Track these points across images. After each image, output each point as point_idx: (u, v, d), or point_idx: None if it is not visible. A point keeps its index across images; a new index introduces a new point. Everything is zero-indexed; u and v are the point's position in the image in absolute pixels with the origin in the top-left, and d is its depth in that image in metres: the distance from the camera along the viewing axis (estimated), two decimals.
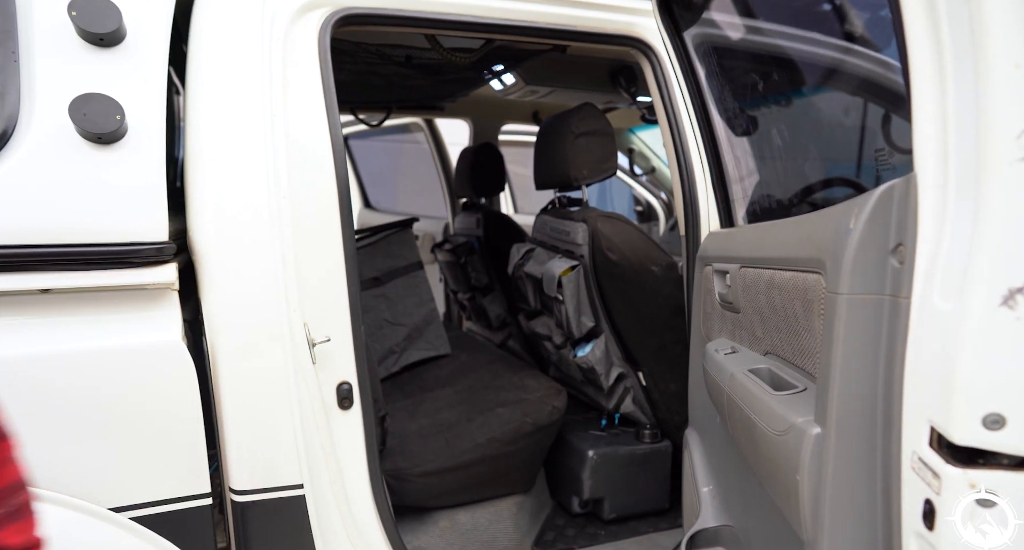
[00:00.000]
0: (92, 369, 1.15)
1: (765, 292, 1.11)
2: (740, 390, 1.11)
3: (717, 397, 1.32)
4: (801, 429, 0.84)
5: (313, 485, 1.36)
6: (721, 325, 1.46)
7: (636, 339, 2.14)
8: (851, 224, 0.75)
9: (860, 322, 0.75)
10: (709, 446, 1.60)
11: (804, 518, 0.84)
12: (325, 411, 1.44)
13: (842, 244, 0.76)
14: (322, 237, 1.43)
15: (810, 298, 0.89)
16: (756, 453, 1.04)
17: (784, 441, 0.88)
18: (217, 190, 1.29)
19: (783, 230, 1.06)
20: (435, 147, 3.75)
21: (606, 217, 2.10)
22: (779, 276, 1.03)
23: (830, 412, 0.79)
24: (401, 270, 2.51)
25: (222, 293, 1.27)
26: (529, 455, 1.97)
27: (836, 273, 0.77)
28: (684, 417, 2.18)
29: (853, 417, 0.77)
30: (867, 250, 0.74)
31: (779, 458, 0.91)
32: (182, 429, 1.21)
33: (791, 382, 1.00)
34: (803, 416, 0.86)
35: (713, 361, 1.34)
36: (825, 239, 0.82)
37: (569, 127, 2.08)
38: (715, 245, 1.57)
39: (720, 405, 1.30)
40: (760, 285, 1.13)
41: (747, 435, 1.08)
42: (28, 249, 1.12)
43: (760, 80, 1.92)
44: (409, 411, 2.10)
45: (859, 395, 0.76)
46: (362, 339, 1.50)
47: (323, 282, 1.44)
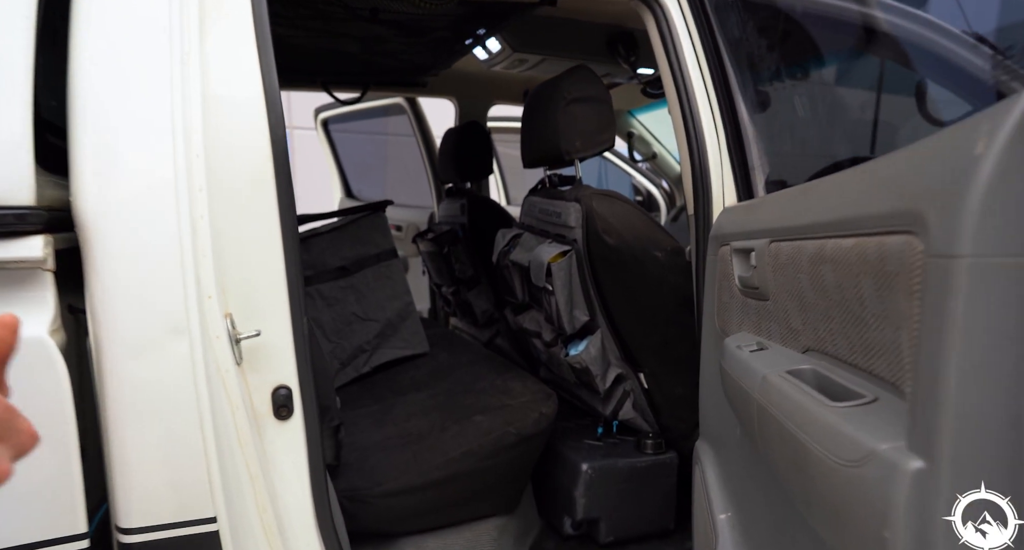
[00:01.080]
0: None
1: (809, 269, 0.83)
2: (778, 398, 0.84)
3: (741, 404, 1.04)
4: (890, 461, 0.56)
5: (232, 517, 1.08)
6: (742, 317, 1.19)
7: (637, 335, 1.86)
8: (978, 149, 0.47)
9: (995, 299, 0.48)
10: (727, 463, 1.32)
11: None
12: (255, 422, 1.17)
13: (962, 182, 0.48)
14: (252, 208, 1.15)
15: (890, 270, 0.61)
16: (806, 486, 0.76)
17: (858, 476, 0.61)
18: (105, 145, 1.01)
19: (843, 183, 0.78)
20: (418, 128, 3.48)
21: (602, 195, 1.83)
22: (833, 246, 0.75)
23: (942, 437, 0.51)
24: (372, 258, 2.23)
25: (109, 274, 0.99)
26: (512, 470, 1.69)
27: (950, 227, 0.50)
28: (692, 425, 1.91)
29: (980, 445, 0.49)
30: (1007, 188, 0.47)
31: (848, 500, 0.64)
32: (49, 451, 0.92)
33: (851, 389, 0.72)
34: (889, 441, 0.58)
35: (735, 360, 1.07)
36: (924, 181, 0.55)
37: (560, 92, 1.80)
38: (733, 220, 1.30)
39: (745, 415, 1.02)
40: (801, 261, 0.86)
41: (790, 459, 0.80)
42: None
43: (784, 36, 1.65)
44: (376, 418, 1.82)
45: (990, 413, 0.49)
46: (305, 333, 1.23)
47: (253, 263, 1.16)
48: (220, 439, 1.07)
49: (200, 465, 1.04)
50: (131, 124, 1.03)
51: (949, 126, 0.57)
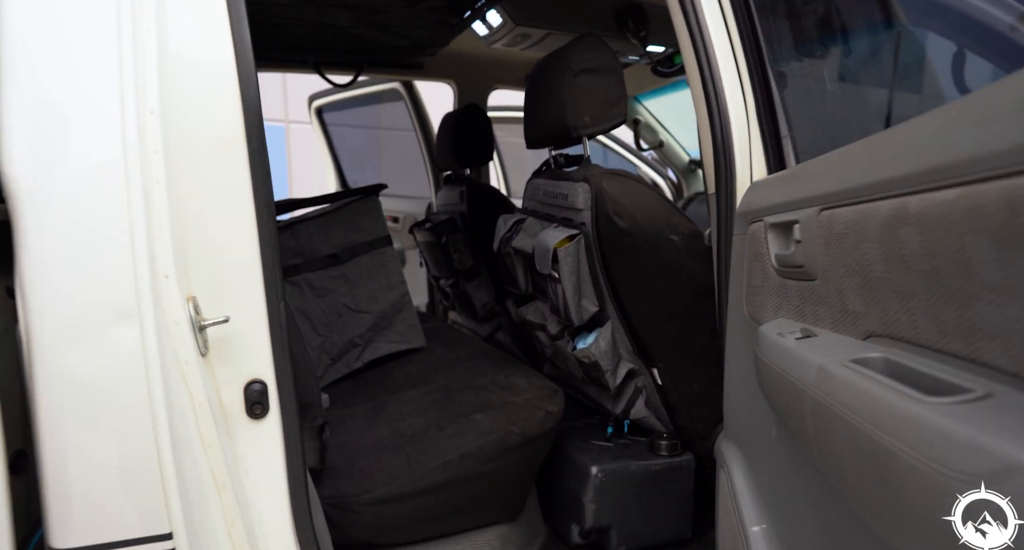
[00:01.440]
0: None
1: (880, 236, 0.68)
2: (843, 391, 0.69)
3: (786, 400, 0.90)
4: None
5: (193, 533, 0.93)
6: (779, 301, 1.04)
7: (650, 327, 1.71)
8: None
9: None
10: (760, 468, 1.17)
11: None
12: (224, 422, 1.03)
13: None
14: (219, 177, 1.01)
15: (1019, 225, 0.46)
16: (895, 507, 0.61)
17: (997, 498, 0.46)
18: (38, 101, 0.87)
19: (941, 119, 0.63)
20: (415, 115, 3.33)
21: (613, 175, 1.68)
22: (920, 203, 0.60)
23: None
24: (365, 246, 2.08)
25: (42, 248, 0.85)
26: (516, 474, 1.54)
27: None
28: (710, 424, 1.76)
29: None
30: None
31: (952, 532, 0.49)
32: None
33: (946, 380, 0.57)
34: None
35: (777, 349, 0.92)
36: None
37: (567, 63, 1.65)
38: (766, 192, 1.15)
39: (793, 413, 0.87)
40: (867, 227, 0.71)
41: (865, 469, 0.66)
42: None
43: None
44: (368, 417, 1.67)
45: None
46: (282, 321, 1.08)
47: (221, 240, 1.02)
48: (178, 442, 0.92)
49: (153, 473, 0.89)
50: (70, 77, 0.88)
51: None
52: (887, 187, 0.67)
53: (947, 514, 0.50)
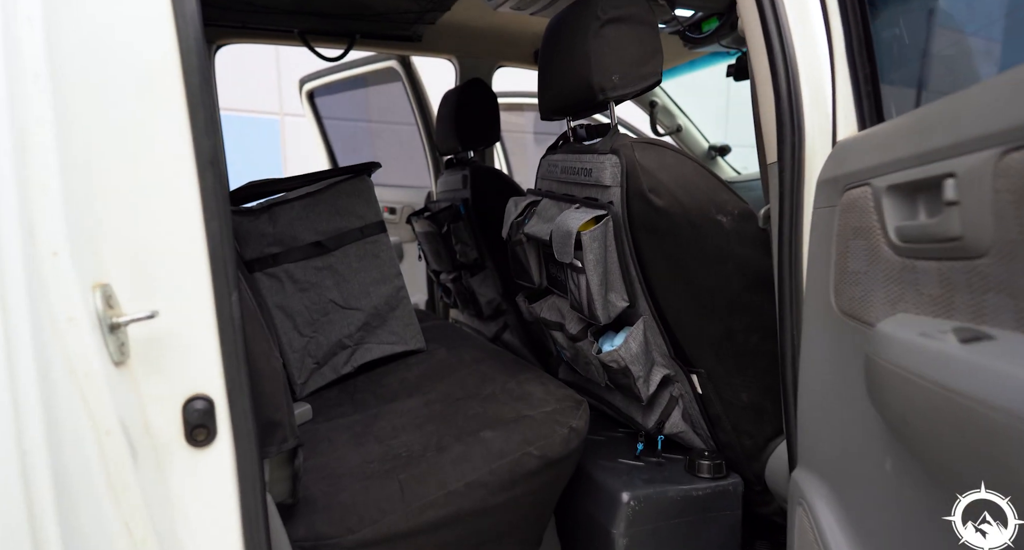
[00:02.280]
0: None
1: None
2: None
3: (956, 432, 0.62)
4: None
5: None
6: (901, 291, 0.77)
7: (690, 326, 1.44)
8: None
9: None
10: (863, 512, 0.90)
11: None
12: (151, 453, 0.76)
13: None
14: (141, 120, 0.74)
15: None
16: None
17: None
18: None
19: None
20: (414, 95, 3.06)
21: (648, 144, 1.41)
22: None
23: None
24: (355, 233, 1.81)
25: None
26: (532, 506, 1.27)
27: None
28: (760, 441, 1.49)
29: None
30: None
31: None
32: None
33: None
34: None
35: (915, 353, 0.65)
36: None
37: (592, 11, 1.39)
38: (868, 151, 0.88)
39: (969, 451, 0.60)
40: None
41: None
42: None
43: None
44: (355, 432, 1.40)
45: None
46: (235, 316, 0.82)
47: (147, 209, 0.76)
48: (70, 492, 0.65)
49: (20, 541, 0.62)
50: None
51: None
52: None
53: None
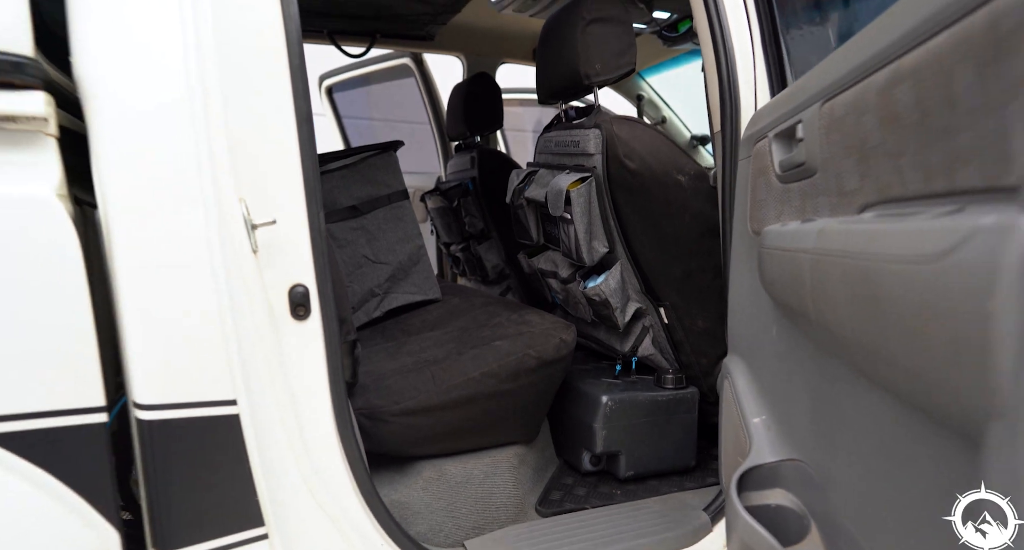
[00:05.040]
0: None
1: (877, 103, 0.78)
2: (841, 240, 0.78)
3: (789, 280, 0.99)
4: (996, 228, 0.51)
5: (252, 403, 1.02)
6: (782, 207, 1.13)
7: (657, 267, 1.81)
8: None
9: None
10: (761, 368, 1.27)
11: (999, 372, 0.51)
12: (272, 319, 1.11)
13: None
14: (262, 87, 1.09)
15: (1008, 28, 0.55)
16: (875, 317, 0.70)
17: (953, 263, 0.56)
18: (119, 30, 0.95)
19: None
20: (425, 89, 3.42)
21: (623, 119, 1.77)
22: (913, 57, 0.70)
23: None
24: (383, 199, 2.17)
25: (114, 138, 0.93)
26: (532, 396, 1.63)
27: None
28: (713, 359, 1.86)
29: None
30: None
31: (938, 297, 0.58)
32: (59, 316, 0.87)
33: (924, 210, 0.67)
34: (992, 215, 0.53)
35: (779, 236, 1.01)
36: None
37: (578, 13, 1.75)
38: (770, 112, 1.24)
39: (795, 289, 0.97)
40: (866, 101, 0.81)
41: (855, 299, 0.75)
42: None
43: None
44: (389, 352, 1.77)
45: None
46: (322, 230, 1.17)
47: (265, 146, 1.10)
48: (239, 323, 1.01)
49: (219, 346, 0.98)
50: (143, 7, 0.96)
51: None
52: (884, 57, 0.76)
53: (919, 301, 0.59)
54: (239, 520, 1.02)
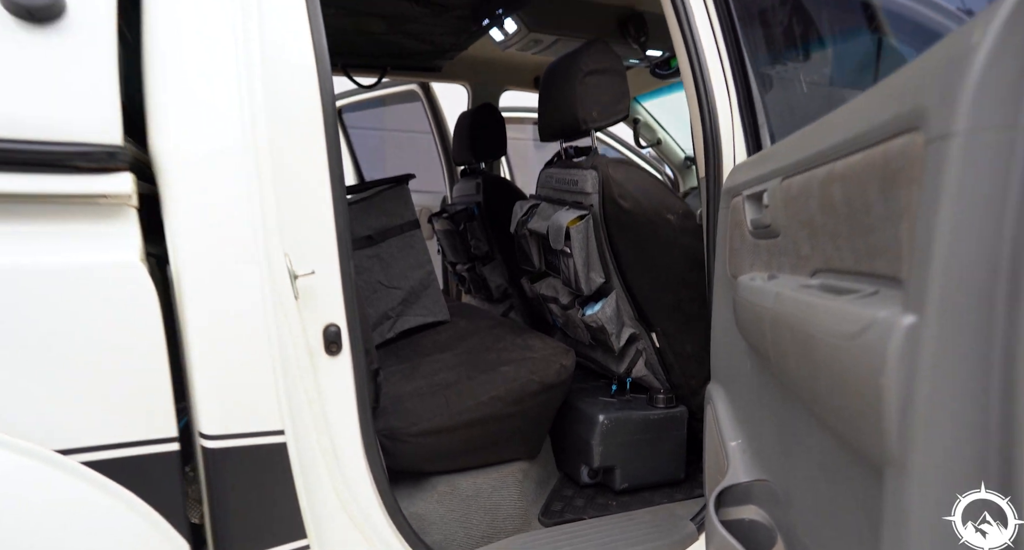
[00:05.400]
0: (32, 288, 0.98)
1: (819, 194, 0.95)
2: (791, 306, 0.95)
3: (755, 328, 1.16)
4: (887, 322, 0.68)
5: (296, 432, 1.19)
6: (753, 258, 1.30)
7: (649, 296, 1.97)
8: (975, 38, 0.59)
9: (982, 168, 0.59)
10: (737, 397, 1.43)
11: (888, 432, 0.68)
12: (310, 355, 1.28)
13: (960, 69, 0.59)
14: (304, 156, 1.26)
15: (894, 169, 0.73)
16: (814, 374, 0.87)
17: (859, 344, 0.72)
18: (180, 91, 1.12)
19: (852, 108, 0.90)
20: (432, 114, 3.59)
21: (618, 162, 1.94)
22: (842, 165, 0.87)
23: (930, 293, 0.62)
24: (396, 229, 2.34)
25: (186, 209, 1.10)
26: (535, 417, 1.80)
27: (949, 110, 0.61)
28: (700, 381, 2.02)
29: (963, 295, 0.61)
30: (999, 70, 0.57)
31: (850, 368, 0.75)
32: (142, 361, 1.04)
33: (855, 287, 0.84)
34: (887, 310, 0.69)
35: (749, 289, 1.18)
36: (929, 79, 0.66)
37: (578, 64, 1.92)
38: (744, 173, 1.41)
39: (759, 336, 1.14)
40: (812, 188, 0.97)
41: (801, 357, 0.92)
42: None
43: None
44: (404, 374, 1.93)
45: (974, 265, 0.60)
46: (351, 276, 1.34)
47: (305, 206, 1.26)
48: (286, 363, 1.18)
49: (269, 383, 1.15)
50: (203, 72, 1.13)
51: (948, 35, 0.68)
52: (823, 157, 0.94)
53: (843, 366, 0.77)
54: (286, 533, 1.19)
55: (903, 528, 0.67)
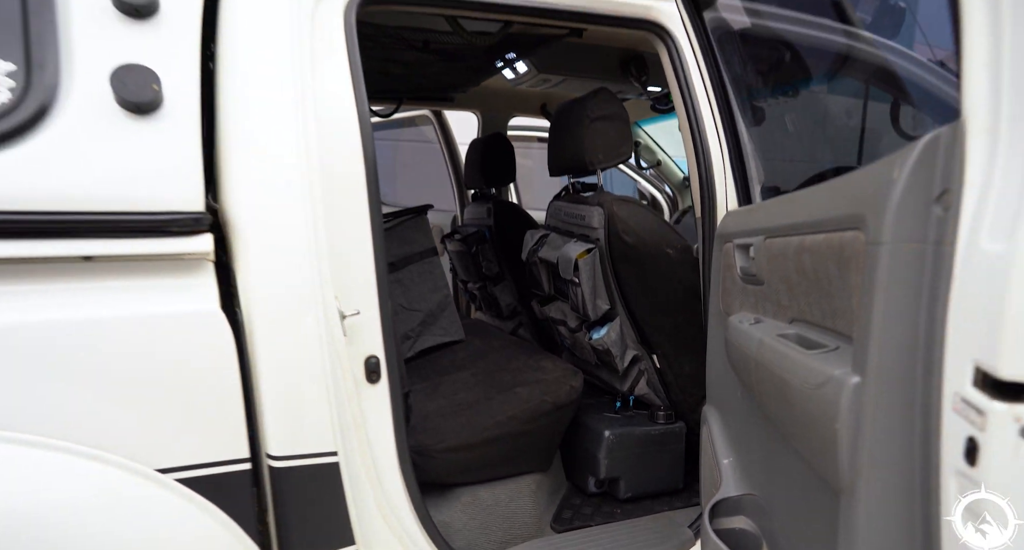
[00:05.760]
0: (134, 335, 1.17)
1: (794, 258, 1.13)
2: (770, 354, 1.14)
3: (742, 366, 1.35)
4: (839, 380, 0.87)
5: (346, 453, 1.38)
6: (743, 299, 1.49)
7: (651, 321, 2.16)
8: (894, 175, 0.78)
9: (903, 270, 0.78)
10: (729, 420, 1.62)
11: (841, 466, 0.87)
12: (355, 384, 1.46)
13: (885, 195, 0.79)
14: (350, 211, 1.44)
15: (846, 256, 0.92)
16: (787, 412, 1.06)
17: (820, 394, 0.91)
18: (251, 162, 1.31)
19: (816, 195, 1.09)
20: (443, 139, 3.77)
21: (622, 201, 2.13)
22: (811, 240, 1.06)
23: (870, 360, 0.81)
24: (416, 256, 2.53)
25: (257, 263, 1.29)
26: (547, 434, 1.99)
27: (878, 225, 0.80)
28: (697, 398, 2.22)
29: (893, 364, 0.80)
30: (911, 199, 0.77)
31: (814, 412, 0.94)
32: (222, 395, 1.23)
33: (822, 342, 1.02)
34: (840, 369, 0.88)
35: (738, 332, 1.37)
36: (866, 194, 0.85)
37: (585, 111, 2.11)
38: (735, 222, 1.60)
39: (746, 374, 1.32)
40: (788, 252, 1.16)
41: (778, 397, 1.11)
42: (71, 216, 1.14)
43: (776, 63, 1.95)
44: (427, 392, 2.12)
45: (899, 343, 0.79)
46: (389, 314, 1.52)
47: (352, 255, 1.45)
48: (337, 392, 1.37)
49: (325, 411, 1.34)
50: (269, 146, 1.32)
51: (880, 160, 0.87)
52: (796, 229, 1.13)
53: (806, 409, 0.95)
54: (339, 539, 1.37)
55: (853, 542, 0.86)
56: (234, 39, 1.33)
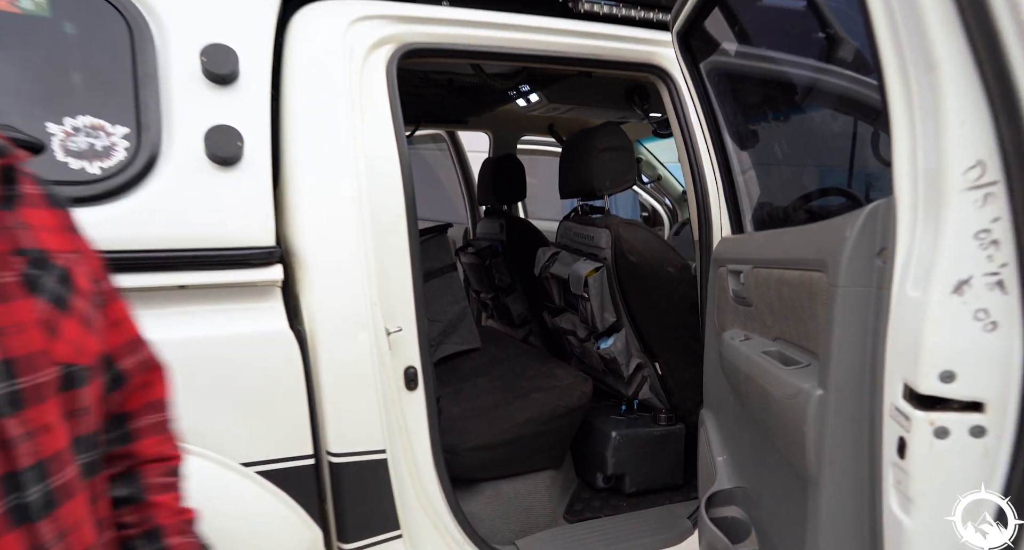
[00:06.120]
0: (221, 350, 1.40)
1: (776, 288, 1.36)
2: (756, 369, 1.36)
3: (734, 377, 1.57)
4: (808, 393, 1.09)
5: (392, 450, 1.60)
6: (734, 317, 1.71)
7: (653, 332, 2.38)
8: (847, 233, 1.00)
9: (853, 308, 1.00)
10: (723, 422, 1.84)
11: (809, 460, 1.09)
12: (398, 391, 1.68)
13: (840, 248, 1.01)
14: (394, 238, 1.66)
15: (814, 291, 1.14)
16: (769, 417, 1.29)
17: (794, 403, 1.13)
18: (312, 200, 1.53)
19: (792, 237, 1.31)
20: (456, 157, 4.00)
21: (627, 224, 2.36)
22: (788, 274, 1.28)
23: (830, 378, 1.04)
24: (437, 271, 2.75)
25: (319, 288, 1.52)
26: (561, 434, 2.22)
27: (835, 271, 1.02)
28: (696, 402, 2.43)
29: (847, 381, 1.02)
30: (859, 253, 0.99)
31: (789, 417, 1.16)
32: (292, 401, 1.45)
33: (798, 360, 1.24)
34: (809, 383, 1.11)
35: (730, 347, 1.59)
36: (827, 244, 1.07)
37: (594, 143, 2.33)
38: (728, 249, 1.83)
39: (736, 383, 1.55)
40: (771, 282, 1.38)
41: (762, 404, 1.33)
42: (169, 253, 1.37)
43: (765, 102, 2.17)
44: (451, 397, 2.34)
45: (852, 364, 1.01)
46: (425, 329, 1.74)
47: (395, 278, 1.67)
48: (384, 398, 1.59)
49: (376, 414, 1.56)
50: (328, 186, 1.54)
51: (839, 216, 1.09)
52: (778, 264, 1.35)
53: (783, 416, 1.18)
54: (387, 526, 1.60)
55: (818, 523, 1.08)
56: (297, 98, 1.56)
